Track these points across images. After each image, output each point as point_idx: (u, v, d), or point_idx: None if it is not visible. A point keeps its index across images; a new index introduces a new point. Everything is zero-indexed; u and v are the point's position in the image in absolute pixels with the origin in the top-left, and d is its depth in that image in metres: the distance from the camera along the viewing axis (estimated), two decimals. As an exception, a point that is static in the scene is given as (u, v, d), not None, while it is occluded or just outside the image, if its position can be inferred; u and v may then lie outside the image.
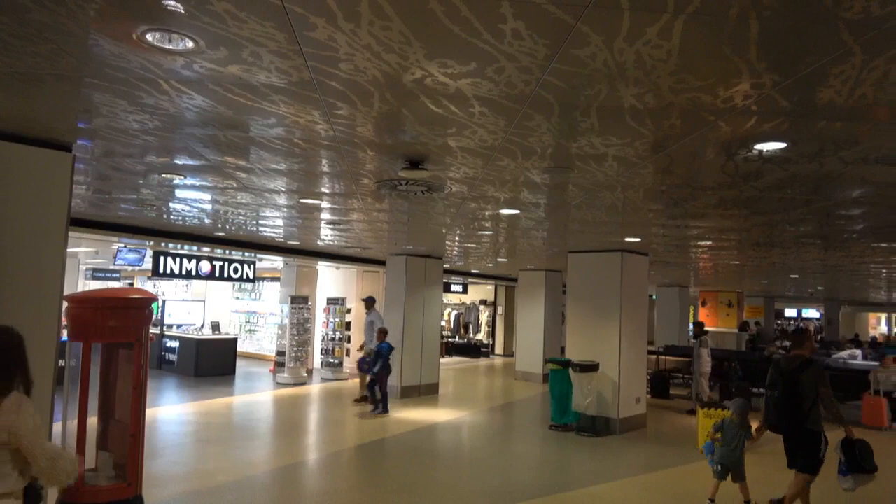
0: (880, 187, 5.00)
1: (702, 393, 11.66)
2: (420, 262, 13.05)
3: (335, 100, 3.35)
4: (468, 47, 2.60)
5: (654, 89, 3.00)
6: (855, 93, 2.93)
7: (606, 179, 5.11)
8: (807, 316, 37.25)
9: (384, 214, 7.86)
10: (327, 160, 4.89)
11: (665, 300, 19.86)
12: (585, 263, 10.57)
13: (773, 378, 5.79)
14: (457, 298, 24.19)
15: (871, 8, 2.14)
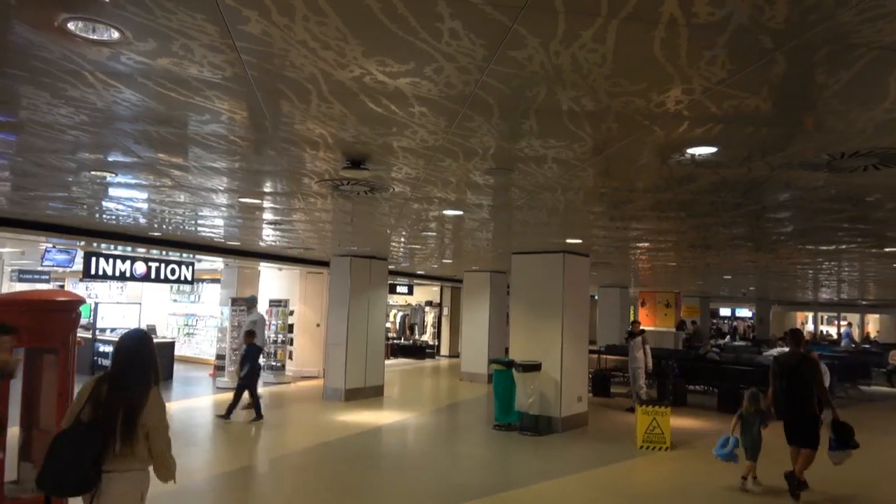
0: (805, 191, 5.23)
1: (639, 390, 11.97)
2: (365, 263, 12.94)
3: (272, 96, 3.28)
4: (406, 46, 2.58)
5: (590, 93, 3.06)
6: (779, 100, 3.05)
7: (547, 181, 5.17)
8: (740, 315, 38.76)
9: (327, 215, 7.75)
10: (266, 158, 4.79)
11: (606, 300, 20.31)
12: (529, 264, 10.70)
13: (777, 373, 6.81)
14: (402, 300, 24.12)
15: (793, 18, 2.22)
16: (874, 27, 2.25)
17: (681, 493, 6.98)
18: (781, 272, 14.29)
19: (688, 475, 7.73)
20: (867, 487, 7.40)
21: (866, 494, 7.17)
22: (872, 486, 7.47)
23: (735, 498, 6.81)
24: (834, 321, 35.99)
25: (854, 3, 2.09)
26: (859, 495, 7.09)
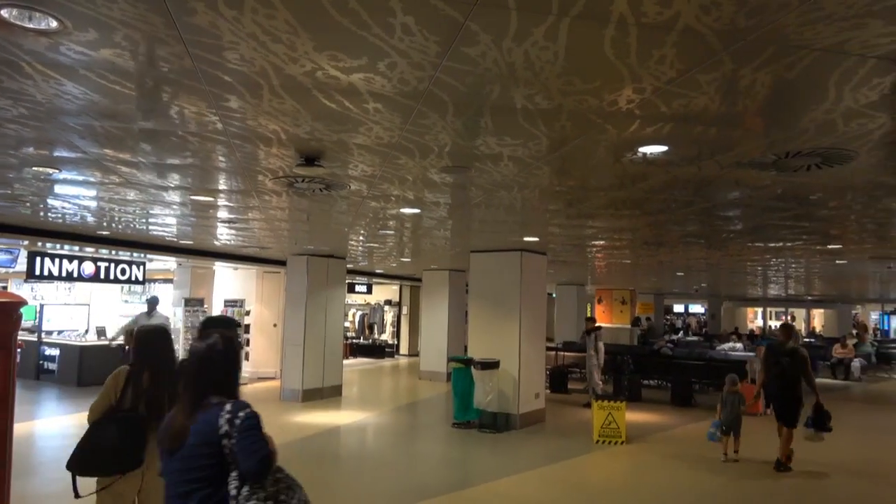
0: (753, 190, 5.38)
1: (595, 386, 12.16)
2: (322, 262, 12.80)
3: (221, 91, 3.20)
4: (358, 41, 2.55)
5: (543, 91, 3.08)
6: (726, 100, 3.12)
7: (503, 179, 5.20)
8: (693, 311, 39.73)
9: (283, 213, 7.64)
10: (218, 155, 4.68)
11: (564, 298, 20.56)
12: (487, 263, 10.75)
13: (769, 361, 7.90)
14: (361, 299, 23.95)
15: (737, 20, 2.28)
16: (814, 30, 2.32)
17: (634, 486, 7.11)
18: (732, 269, 14.70)
19: (642, 468, 7.88)
20: (828, 472, 7.67)
21: (828, 480, 7.43)
22: (834, 471, 7.75)
23: (687, 489, 6.97)
24: (782, 316, 37.19)
25: (795, 5, 2.14)
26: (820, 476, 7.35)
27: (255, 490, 2.23)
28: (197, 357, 2.45)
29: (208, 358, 2.44)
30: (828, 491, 7.11)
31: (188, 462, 2.31)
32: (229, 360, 2.48)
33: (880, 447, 9.42)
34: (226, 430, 2.27)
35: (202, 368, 2.43)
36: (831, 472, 7.86)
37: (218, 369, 2.44)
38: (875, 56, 2.53)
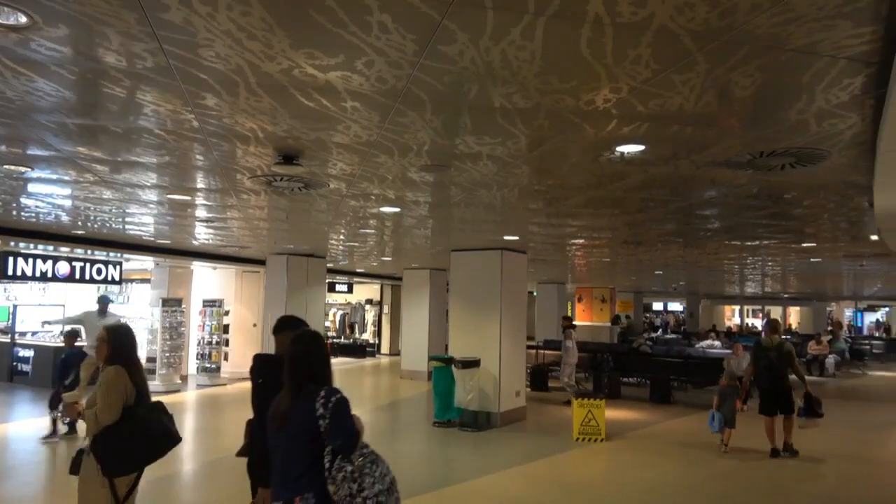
0: (729, 189, 5.45)
1: (567, 383, 12.30)
2: (302, 262, 12.73)
3: (197, 88, 3.17)
4: (335, 39, 2.54)
5: (521, 90, 3.09)
6: (701, 99, 3.16)
7: (483, 179, 5.21)
8: (672, 309, 40.13)
9: (262, 212, 7.58)
10: (195, 154, 4.63)
11: (544, 296, 20.66)
12: (467, 262, 10.76)
13: (758, 355, 8.39)
14: (342, 298, 23.85)
15: (711, 20, 2.30)
16: (785, 31, 2.35)
17: (614, 483, 7.17)
18: (710, 267, 14.88)
19: (621, 465, 7.95)
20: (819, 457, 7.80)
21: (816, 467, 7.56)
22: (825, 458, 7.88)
23: (665, 485, 7.05)
24: (759, 314, 37.71)
25: (766, 7, 2.18)
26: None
27: (344, 463, 2.66)
28: (298, 351, 2.89)
29: (307, 352, 2.89)
30: (799, 484, 7.24)
31: (292, 438, 2.76)
32: (322, 354, 2.94)
33: (855, 442, 9.59)
34: (321, 413, 2.70)
35: (302, 361, 2.87)
36: (808, 462, 8.00)
37: (314, 362, 2.88)
38: (845, 57, 2.57)
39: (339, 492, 2.64)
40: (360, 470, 2.67)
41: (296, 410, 2.76)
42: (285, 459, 2.79)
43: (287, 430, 2.78)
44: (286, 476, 2.78)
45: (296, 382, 2.84)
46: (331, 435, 2.70)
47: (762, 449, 8.42)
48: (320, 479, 2.69)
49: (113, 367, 3.74)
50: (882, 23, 2.27)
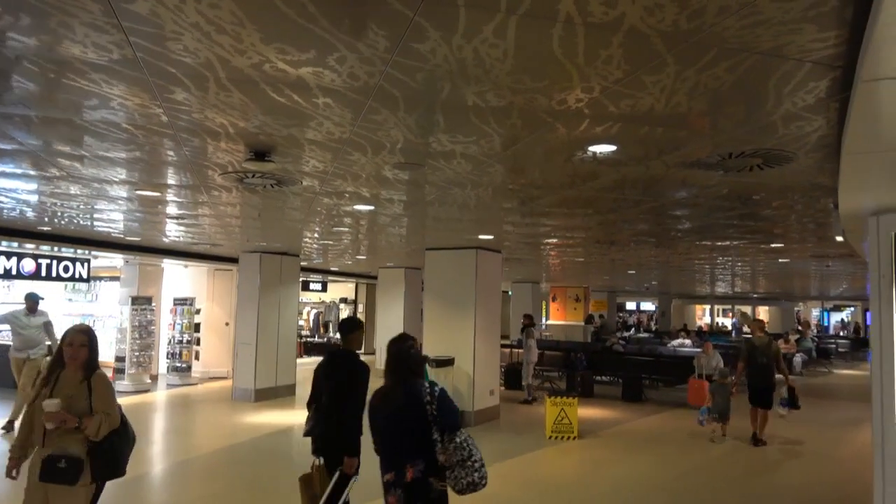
0: (700, 189, 5.52)
1: (527, 380, 12.47)
2: (275, 260, 12.61)
3: (165, 82, 3.11)
4: (306, 33, 2.51)
5: (494, 88, 3.09)
6: (671, 101, 3.19)
7: (457, 177, 5.20)
8: (644, 308, 40.61)
9: (234, 209, 7.49)
10: (164, 149, 4.55)
11: (519, 295, 20.75)
12: (442, 260, 10.76)
13: (750, 353, 9.17)
14: (316, 297, 23.69)
15: (680, 22, 2.33)
16: (753, 33, 2.38)
17: (586, 480, 7.24)
18: (681, 267, 15.09)
19: (593, 463, 8.02)
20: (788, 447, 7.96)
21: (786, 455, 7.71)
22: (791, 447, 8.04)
23: (636, 482, 7.13)
24: (729, 313, 38.34)
25: (734, 9, 2.20)
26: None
27: (452, 436, 3.37)
28: (399, 351, 3.61)
29: (407, 351, 3.61)
30: (765, 480, 7.38)
31: (402, 419, 3.46)
32: (416, 352, 3.67)
33: (821, 439, 9.80)
34: (428, 399, 3.42)
35: (404, 358, 3.59)
36: (776, 459, 8.16)
37: (412, 359, 3.61)
38: (811, 60, 2.62)
39: (452, 458, 3.35)
40: (466, 441, 3.37)
41: (406, 399, 3.46)
42: (397, 437, 3.47)
43: (398, 414, 3.48)
44: (398, 450, 3.46)
45: (400, 376, 3.55)
46: (440, 415, 3.41)
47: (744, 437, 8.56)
48: (427, 450, 3.38)
49: (101, 371, 3.72)
50: (846, 27, 2.31)
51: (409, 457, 3.39)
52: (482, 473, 3.37)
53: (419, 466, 3.37)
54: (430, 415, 3.41)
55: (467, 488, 3.35)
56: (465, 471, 3.34)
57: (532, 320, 13.31)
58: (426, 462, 3.38)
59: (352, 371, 4.55)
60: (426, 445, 3.39)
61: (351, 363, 4.63)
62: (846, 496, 6.81)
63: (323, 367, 4.74)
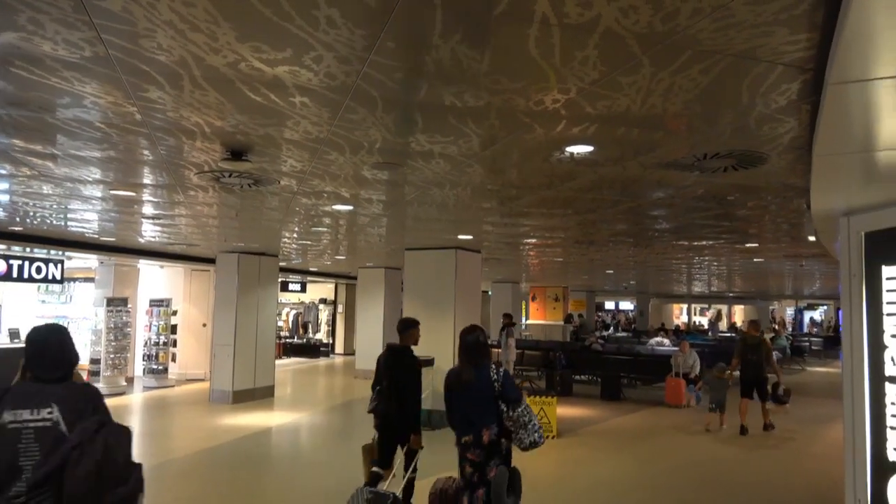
0: (676, 190, 5.58)
1: None
2: (253, 260, 12.50)
3: (139, 80, 3.07)
4: (282, 32, 2.49)
5: (471, 89, 3.09)
6: (647, 102, 3.23)
7: (436, 177, 5.20)
8: (623, 308, 40.94)
9: (210, 209, 7.41)
10: (139, 148, 4.49)
11: (499, 295, 20.81)
12: (422, 261, 10.75)
13: (744, 349, 9.94)
14: (295, 297, 23.54)
15: (654, 23, 2.35)
16: (726, 36, 2.42)
17: (564, 479, 7.28)
18: (659, 267, 15.24)
19: (572, 461, 8.07)
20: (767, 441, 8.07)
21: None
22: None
23: (614, 481, 7.18)
24: (706, 312, 38.81)
25: (707, 12, 2.23)
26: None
27: (515, 406, 4.18)
28: (472, 340, 4.42)
29: (476, 339, 4.42)
30: (742, 479, 7.49)
31: (477, 395, 4.25)
32: (485, 341, 4.47)
33: (798, 435, 9.96)
34: (496, 378, 4.25)
35: (475, 346, 4.40)
36: (754, 457, 8.27)
37: (481, 346, 4.42)
38: (783, 63, 2.66)
39: (516, 424, 4.16)
40: (525, 410, 4.21)
41: (478, 378, 4.28)
42: (471, 408, 4.28)
43: (471, 391, 4.29)
44: (472, 418, 4.25)
45: (471, 360, 4.37)
46: (506, 391, 4.22)
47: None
48: (495, 417, 4.20)
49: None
50: (817, 31, 2.35)
51: (484, 423, 4.22)
52: (540, 434, 4.21)
53: (493, 430, 4.21)
54: (497, 391, 4.23)
55: (531, 446, 4.18)
56: (526, 432, 4.18)
57: (511, 320, 13.38)
58: (497, 426, 4.23)
59: (409, 364, 5.51)
60: (495, 414, 4.22)
61: (408, 357, 5.55)
62: (819, 491, 6.92)
63: (384, 358, 5.67)
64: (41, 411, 2.49)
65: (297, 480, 6.98)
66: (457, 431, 4.38)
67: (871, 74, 2.18)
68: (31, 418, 2.47)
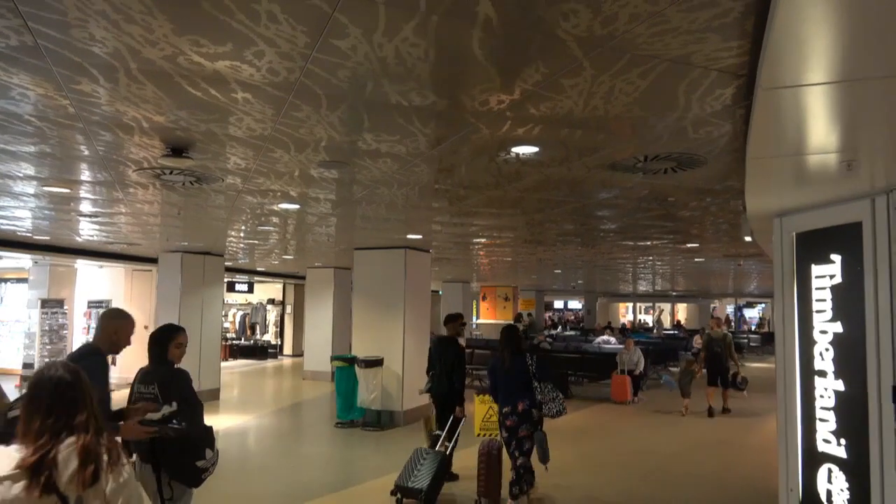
0: (621, 191, 5.71)
1: None
2: (198, 260, 12.20)
3: (71, 72, 2.96)
4: (221, 26, 2.44)
5: (416, 88, 3.09)
6: (589, 104, 3.29)
7: (383, 176, 5.18)
8: (571, 307, 41.63)
9: (151, 207, 7.19)
10: (74, 143, 4.32)
11: (450, 295, 20.87)
12: (371, 260, 10.69)
13: (709, 343, 11.22)
14: (242, 298, 23.06)
15: (594, 27, 2.40)
16: (662, 41, 2.48)
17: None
18: (605, 266, 15.56)
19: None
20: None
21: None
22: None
23: (557, 477, 7.29)
24: (650, 310, 39.81)
25: (644, 17, 2.29)
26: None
27: (546, 383, 5.67)
28: (510, 333, 5.94)
29: (515, 333, 5.97)
30: (683, 471, 7.71)
31: (514, 376, 5.68)
32: (522, 335, 5.65)
33: (734, 428, 10.32)
34: (530, 363, 5.69)
35: (514, 338, 5.89)
36: (694, 453, 8.53)
37: (519, 339, 5.91)
38: (716, 69, 2.75)
39: (546, 397, 5.63)
40: (552, 387, 5.69)
41: (515, 363, 5.74)
42: (511, 385, 5.72)
43: (510, 373, 5.73)
44: (512, 393, 5.69)
45: (511, 349, 5.81)
46: (538, 372, 5.67)
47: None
48: (530, 393, 5.65)
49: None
50: (748, 38, 2.44)
51: (519, 397, 5.65)
52: (563, 406, 5.68)
53: (526, 402, 5.63)
54: (531, 372, 5.66)
55: (558, 414, 5.63)
56: (554, 403, 5.63)
57: (462, 319, 13.40)
58: (530, 400, 5.64)
59: (454, 351, 6.86)
60: (529, 390, 5.65)
61: (454, 346, 6.93)
62: (755, 482, 7.19)
63: (434, 348, 7.26)
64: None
65: (244, 486, 6.84)
66: (499, 403, 5.83)
67: (799, 81, 2.27)
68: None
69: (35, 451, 1.82)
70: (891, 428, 3.67)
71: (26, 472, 1.79)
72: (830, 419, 4.21)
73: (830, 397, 4.20)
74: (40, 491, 1.77)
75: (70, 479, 1.82)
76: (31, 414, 1.91)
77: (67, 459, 1.84)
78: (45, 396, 1.94)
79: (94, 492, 1.86)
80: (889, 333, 3.70)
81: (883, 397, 3.73)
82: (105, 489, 1.87)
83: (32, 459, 1.81)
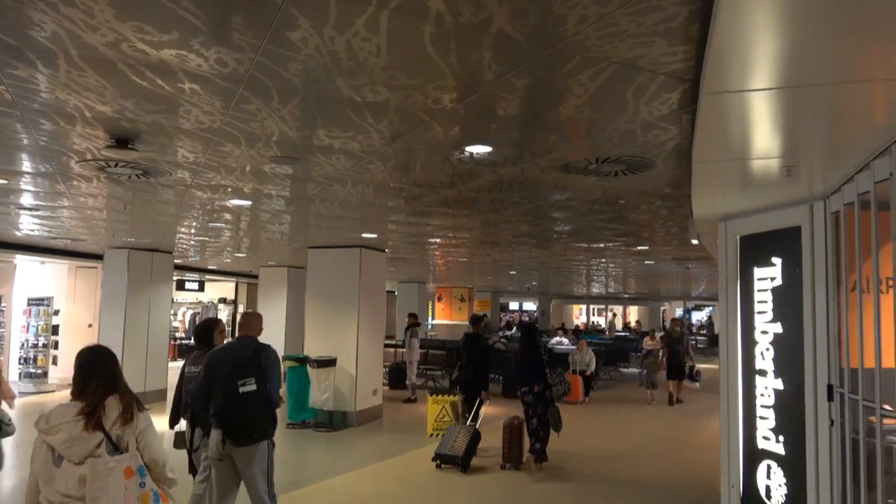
0: (574, 193, 5.79)
1: (410, 379, 12.66)
2: (145, 257, 11.86)
3: (7, 56, 2.83)
4: (165, 13, 2.37)
5: (369, 83, 3.07)
6: (540, 105, 3.32)
7: (336, 173, 5.13)
8: (526, 308, 42.02)
9: (97, 201, 6.95)
10: (11, 131, 4.14)
11: (405, 295, 20.81)
12: (325, 259, 10.58)
13: (669, 342, 12.75)
14: (192, 297, 22.52)
15: (545, 27, 2.42)
16: (611, 44, 2.52)
17: (464, 476, 7.37)
18: (559, 268, 15.75)
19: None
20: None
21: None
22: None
23: (508, 476, 7.35)
24: (603, 312, 40.50)
25: (593, 19, 2.32)
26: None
27: (556, 370, 8.56)
28: (526, 331, 8.12)
29: (534, 333, 8.06)
30: (633, 470, 7.87)
31: (530, 363, 7.42)
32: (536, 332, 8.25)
33: (679, 427, 10.57)
34: (545, 353, 8.58)
35: (532, 336, 7.83)
36: (642, 451, 8.70)
37: (534, 335, 7.92)
38: (663, 73, 2.81)
39: (555, 380, 7.65)
40: (561, 372, 8.75)
41: (531, 356, 7.41)
42: (529, 370, 7.32)
43: (527, 361, 7.38)
44: (529, 376, 7.29)
45: (526, 346, 7.57)
46: (550, 361, 7.65)
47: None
48: (543, 376, 7.30)
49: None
50: (693, 43, 2.50)
51: (535, 380, 7.29)
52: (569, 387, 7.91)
53: (541, 384, 7.28)
54: (545, 361, 7.43)
55: (563, 395, 7.78)
56: (562, 386, 8.01)
57: (416, 320, 13.43)
58: (542, 383, 7.27)
59: (479, 345, 8.34)
60: (542, 375, 7.32)
61: (479, 342, 8.40)
62: (699, 480, 7.38)
63: (463, 343, 8.53)
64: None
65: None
66: (519, 386, 7.44)
67: (742, 86, 2.34)
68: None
69: (90, 404, 2.75)
70: (825, 425, 3.81)
71: (84, 417, 2.72)
72: (770, 417, 4.35)
73: (770, 396, 4.34)
74: (92, 428, 2.70)
75: (113, 422, 2.75)
76: (87, 378, 2.82)
77: (111, 409, 2.77)
78: (99, 367, 2.87)
79: (129, 428, 2.79)
80: (825, 334, 3.85)
81: (819, 395, 3.88)
82: (136, 427, 2.82)
83: (89, 409, 2.74)
